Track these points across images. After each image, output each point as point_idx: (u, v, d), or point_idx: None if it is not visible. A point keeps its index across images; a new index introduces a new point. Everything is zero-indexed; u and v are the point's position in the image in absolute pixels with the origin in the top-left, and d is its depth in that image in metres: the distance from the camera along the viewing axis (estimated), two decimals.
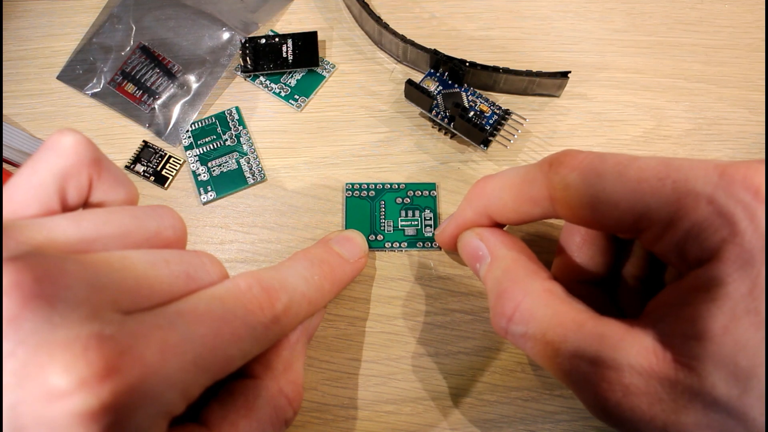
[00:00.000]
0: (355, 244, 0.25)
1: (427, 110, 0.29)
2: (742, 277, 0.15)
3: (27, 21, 0.33)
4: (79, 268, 0.15)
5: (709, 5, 0.33)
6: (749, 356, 0.15)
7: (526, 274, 0.20)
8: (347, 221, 0.28)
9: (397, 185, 0.29)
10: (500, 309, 0.20)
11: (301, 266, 0.21)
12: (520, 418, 0.25)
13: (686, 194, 0.16)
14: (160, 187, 0.29)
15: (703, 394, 0.15)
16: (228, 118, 0.31)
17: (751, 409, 0.15)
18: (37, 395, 0.13)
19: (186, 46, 0.32)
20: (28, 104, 0.31)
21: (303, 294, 0.20)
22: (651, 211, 0.17)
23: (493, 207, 0.22)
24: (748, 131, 0.30)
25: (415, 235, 0.28)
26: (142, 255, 0.17)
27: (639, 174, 0.17)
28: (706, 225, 0.16)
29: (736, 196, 0.16)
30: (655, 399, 0.16)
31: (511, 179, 0.21)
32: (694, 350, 0.16)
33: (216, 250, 0.28)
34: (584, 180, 0.18)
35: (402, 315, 0.27)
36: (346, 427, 0.25)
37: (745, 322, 0.15)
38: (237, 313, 0.17)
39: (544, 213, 0.20)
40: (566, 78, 0.29)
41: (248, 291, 0.18)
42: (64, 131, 0.18)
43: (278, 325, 0.19)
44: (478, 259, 0.23)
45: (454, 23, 0.33)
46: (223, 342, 0.16)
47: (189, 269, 0.17)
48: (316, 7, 0.33)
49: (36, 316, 0.13)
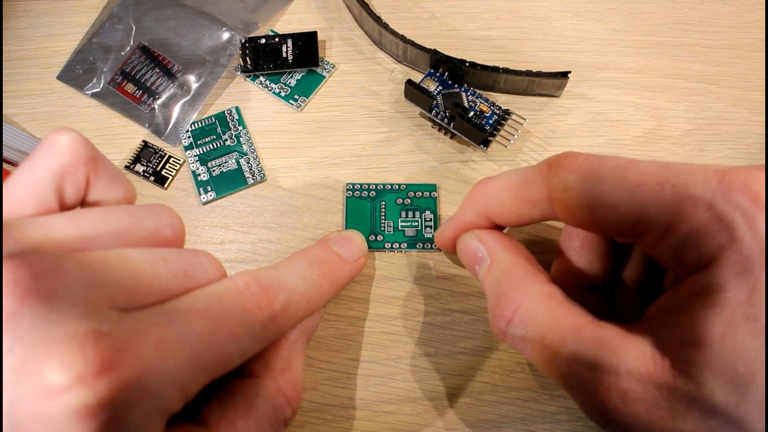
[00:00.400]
0: (354, 244, 0.25)
1: (427, 110, 0.29)
2: (741, 284, 0.15)
3: (27, 21, 0.33)
4: (77, 266, 0.15)
5: (709, 5, 0.33)
6: (747, 363, 0.15)
7: (526, 276, 0.20)
8: (347, 221, 0.28)
9: (397, 186, 0.29)
10: (499, 311, 0.20)
11: (299, 266, 0.21)
12: (519, 418, 0.25)
13: (685, 199, 0.16)
14: (159, 187, 0.29)
15: (700, 401, 0.15)
16: (228, 118, 0.31)
17: (749, 416, 0.15)
18: (34, 392, 0.13)
19: (186, 46, 0.32)
20: (28, 104, 0.31)
21: (301, 293, 0.20)
22: (650, 215, 0.17)
23: (492, 209, 0.22)
24: (748, 131, 0.30)
25: (415, 236, 0.28)
26: (141, 253, 0.17)
27: (638, 177, 0.17)
28: (705, 230, 0.16)
29: (735, 202, 0.16)
30: (653, 405, 0.16)
31: (511, 181, 0.21)
32: (693, 357, 0.16)
33: (216, 250, 0.28)
34: (583, 182, 0.18)
35: (402, 315, 0.27)
36: (345, 427, 0.25)
37: (743, 329, 0.15)
38: (234, 311, 0.17)
39: (543, 215, 0.20)
40: (566, 78, 0.29)
41: (246, 289, 0.18)
42: (61, 130, 0.18)
43: (276, 323, 0.18)
44: (476, 261, 0.23)
45: (454, 23, 0.33)
46: (220, 340, 0.16)
47: (187, 268, 0.17)
48: (316, 7, 0.33)
49: (34, 312, 0.13)
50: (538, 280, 0.20)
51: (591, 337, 0.17)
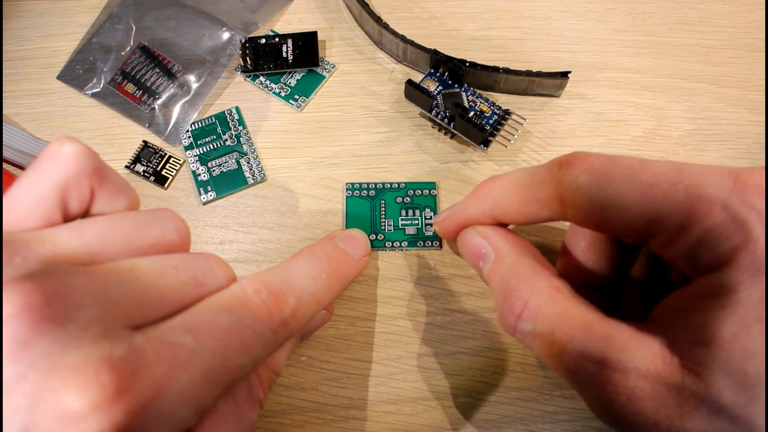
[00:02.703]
0: (359, 242, 0.25)
1: (427, 110, 0.29)
2: (754, 285, 0.15)
3: (27, 21, 0.33)
4: (88, 283, 0.15)
5: (709, 5, 0.33)
6: (757, 365, 0.15)
7: (533, 271, 0.20)
8: (347, 221, 0.28)
9: (397, 185, 0.29)
10: (509, 307, 0.20)
11: (308, 264, 0.21)
12: (520, 418, 0.25)
13: (699, 200, 0.16)
14: (160, 187, 0.29)
15: (709, 401, 0.15)
16: (228, 118, 0.31)
17: (757, 417, 0.15)
18: (50, 418, 0.13)
19: (186, 46, 0.32)
20: (28, 104, 0.31)
21: (311, 294, 0.20)
22: (662, 216, 0.17)
23: (498, 208, 0.22)
24: (748, 131, 0.30)
25: (415, 234, 0.28)
26: (150, 263, 0.17)
27: (651, 178, 0.17)
28: (719, 231, 0.16)
29: (750, 203, 0.16)
30: (661, 404, 0.16)
31: (519, 180, 0.21)
32: (702, 356, 0.15)
33: (216, 250, 0.28)
34: (595, 182, 0.18)
35: (402, 315, 0.27)
36: (345, 427, 0.25)
37: (755, 330, 0.15)
38: (245, 321, 0.17)
39: (552, 215, 0.20)
40: (566, 78, 0.29)
41: (256, 296, 0.18)
42: (64, 140, 0.18)
43: (287, 328, 0.18)
44: (480, 257, 0.22)
45: (454, 23, 0.33)
46: (233, 352, 0.16)
47: (198, 274, 0.17)
48: (316, 7, 0.33)
49: (47, 338, 0.13)
50: (545, 274, 0.20)
51: (600, 334, 0.17)
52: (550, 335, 0.18)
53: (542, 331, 0.19)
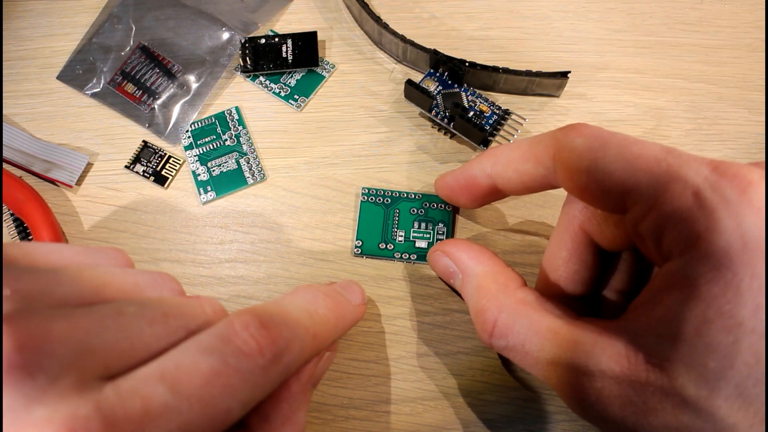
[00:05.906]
0: (356, 290, 0.24)
1: (427, 110, 0.29)
2: (716, 278, 0.15)
3: (27, 21, 0.33)
4: (68, 329, 0.14)
5: (709, 5, 0.33)
6: (719, 358, 0.15)
7: (498, 288, 0.22)
8: (359, 226, 0.28)
9: (413, 195, 0.29)
10: (481, 325, 0.21)
11: (303, 299, 0.20)
12: (520, 418, 0.25)
13: (676, 178, 0.16)
14: (160, 186, 0.29)
15: (673, 395, 0.16)
16: (228, 118, 0.31)
17: (718, 409, 0.15)
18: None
19: (186, 46, 0.32)
20: (28, 104, 0.31)
21: (307, 328, 0.18)
22: (640, 188, 0.17)
23: (498, 164, 0.22)
24: (747, 131, 0.30)
25: (426, 249, 0.27)
26: (139, 309, 0.16)
27: (640, 151, 0.18)
28: (687, 215, 0.16)
29: (722, 193, 0.16)
30: (627, 402, 0.16)
31: (523, 140, 0.22)
32: (666, 351, 0.16)
33: (216, 250, 0.28)
34: (588, 146, 0.19)
35: (402, 315, 0.27)
36: (345, 427, 0.25)
37: (717, 325, 0.15)
38: (229, 361, 0.15)
39: (546, 174, 0.21)
40: (566, 78, 0.29)
41: (244, 331, 0.16)
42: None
43: (280, 365, 0.17)
44: (450, 276, 0.25)
45: (454, 23, 0.33)
46: (214, 398, 0.15)
47: (190, 324, 0.16)
48: (316, 7, 0.33)
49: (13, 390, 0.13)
50: (510, 289, 0.21)
51: (566, 340, 0.18)
52: (522, 348, 0.20)
53: (514, 345, 0.20)
